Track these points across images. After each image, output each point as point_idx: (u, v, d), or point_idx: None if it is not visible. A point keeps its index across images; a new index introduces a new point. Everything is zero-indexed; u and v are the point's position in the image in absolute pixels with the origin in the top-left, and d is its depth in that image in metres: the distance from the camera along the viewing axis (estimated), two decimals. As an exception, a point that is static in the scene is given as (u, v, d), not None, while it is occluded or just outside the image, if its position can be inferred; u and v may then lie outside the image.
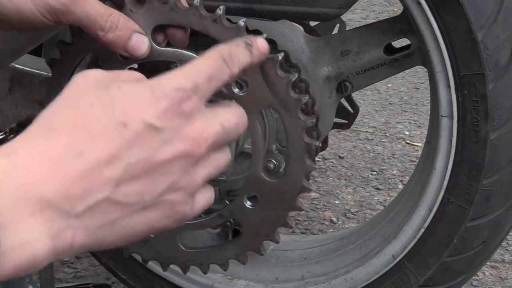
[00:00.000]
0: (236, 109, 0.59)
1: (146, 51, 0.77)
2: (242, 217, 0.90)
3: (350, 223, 1.85)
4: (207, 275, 1.25)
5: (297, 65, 1.06)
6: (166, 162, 0.52)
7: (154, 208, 0.53)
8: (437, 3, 0.94)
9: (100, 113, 0.50)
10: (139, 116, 0.51)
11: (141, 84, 0.54)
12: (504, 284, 1.58)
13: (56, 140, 0.49)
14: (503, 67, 0.95)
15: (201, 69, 0.56)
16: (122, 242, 0.53)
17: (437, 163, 1.04)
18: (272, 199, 0.87)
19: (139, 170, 0.51)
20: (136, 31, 0.76)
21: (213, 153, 0.57)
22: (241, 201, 0.89)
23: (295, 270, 1.26)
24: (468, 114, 0.98)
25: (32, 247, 0.46)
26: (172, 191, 0.53)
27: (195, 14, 0.78)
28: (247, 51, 0.60)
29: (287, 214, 0.89)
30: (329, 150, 2.28)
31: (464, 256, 1.06)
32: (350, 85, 1.16)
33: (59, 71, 0.86)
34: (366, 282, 1.14)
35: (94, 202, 0.49)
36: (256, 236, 0.91)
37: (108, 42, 0.74)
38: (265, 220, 0.89)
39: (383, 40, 1.11)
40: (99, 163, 0.49)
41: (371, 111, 2.64)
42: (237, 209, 0.89)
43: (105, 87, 0.52)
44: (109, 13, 0.74)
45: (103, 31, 0.74)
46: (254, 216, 0.89)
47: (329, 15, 1.00)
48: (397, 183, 2.06)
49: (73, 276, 1.60)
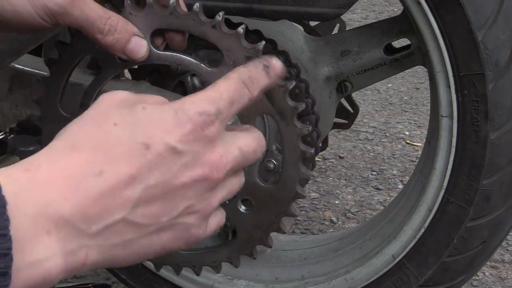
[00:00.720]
0: (255, 134, 0.59)
1: (145, 54, 0.77)
2: (236, 221, 0.90)
3: (350, 223, 1.85)
4: (207, 275, 1.25)
5: (297, 65, 1.06)
6: (185, 185, 0.52)
7: (168, 229, 0.53)
8: (437, 3, 0.94)
9: (123, 132, 0.51)
10: (161, 138, 0.51)
11: (165, 106, 0.54)
12: (504, 284, 1.58)
13: (78, 157, 0.49)
14: (503, 67, 0.95)
15: (223, 93, 0.56)
16: (133, 261, 0.53)
17: (437, 163, 1.04)
18: (266, 204, 0.88)
19: (158, 193, 0.51)
20: (135, 34, 0.76)
21: (229, 178, 0.57)
22: (235, 205, 0.89)
23: (295, 270, 1.26)
24: (468, 114, 0.98)
25: (45, 266, 0.46)
26: (188, 214, 0.54)
27: (194, 19, 0.78)
28: (265, 73, 0.60)
29: (280, 219, 0.89)
30: (329, 150, 2.28)
31: (464, 256, 1.06)
32: (350, 85, 1.16)
33: (56, 72, 0.86)
34: (366, 282, 1.14)
35: (111, 223, 0.49)
36: (249, 240, 0.91)
37: (107, 45, 0.74)
38: (258, 225, 0.89)
39: (383, 40, 1.11)
40: (119, 183, 0.49)
41: (371, 111, 2.64)
42: (231, 213, 0.89)
43: (130, 107, 0.52)
44: (108, 16, 0.73)
45: (101, 34, 0.73)
46: (248, 220, 0.89)
47: (329, 15, 1.00)
48: (397, 183, 2.06)
49: (73, 276, 1.60)
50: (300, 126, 0.82)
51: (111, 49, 0.75)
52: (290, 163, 0.85)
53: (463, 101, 0.98)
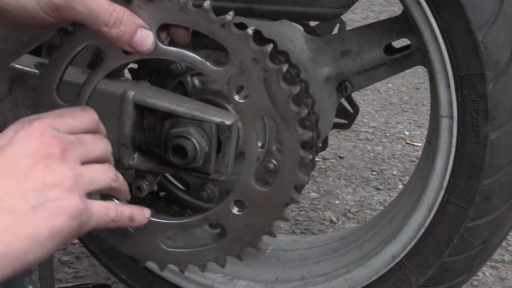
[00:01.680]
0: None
1: (151, 47, 0.76)
2: (227, 221, 0.89)
3: (350, 223, 1.85)
4: (207, 275, 1.25)
5: (297, 65, 1.06)
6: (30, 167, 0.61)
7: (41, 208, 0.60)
8: (437, 3, 0.94)
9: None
10: None
11: None
12: (504, 284, 1.58)
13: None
14: (503, 67, 0.94)
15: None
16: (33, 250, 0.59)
17: (437, 163, 1.04)
18: (259, 207, 0.87)
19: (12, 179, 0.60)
20: (141, 26, 0.75)
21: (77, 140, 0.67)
22: (227, 205, 0.88)
23: (295, 270, 1.26)
24: (468, 114, 0.98)
25: None
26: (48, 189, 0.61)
27: (204, 17, 0.77)
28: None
29: (272, 223, 0.88)
30: (329, 150, 2.28)
31: (464, 256, 1.06)
32: (350, 85, 1.16)
33: (56, 59, 0.85)
34: (366, 282, 1.14)
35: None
36: (239, 242, 0.90)
37: (113, 38, 0.73)
38: (249, 227, 0.89)
39: (383, 40, 1.11)
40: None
41: (371, 111, 2.64)
42: (223, 213, 0.89)
43: None
44: (113, 9, 0.72)
45: (107, 26, 0.72)
46: (239, 222, 0.89)
47: (329, 15, 1.00)
48: (397, 183, 2.06)
49: (73, 276, 1.60)
50: (301, 132, 0.82)
51: (117, 42, 0.74)
52: (287, 168, 0.84)
53: (463, 101, 0.98)
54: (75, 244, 1.71)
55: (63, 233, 0.61)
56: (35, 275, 1.26)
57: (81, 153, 0.67)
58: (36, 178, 0.61)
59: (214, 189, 1.10)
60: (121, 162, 0.94)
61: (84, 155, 0.67)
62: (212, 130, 0.92)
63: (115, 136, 0.92)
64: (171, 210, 1.15)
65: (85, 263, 1.65)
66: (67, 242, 0.64)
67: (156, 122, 0.94)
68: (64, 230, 0.61)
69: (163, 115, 0.94)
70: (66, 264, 1.65)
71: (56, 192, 0.61)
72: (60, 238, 0.61)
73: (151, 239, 0.93)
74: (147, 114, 0.95)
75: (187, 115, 0.92)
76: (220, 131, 0.93)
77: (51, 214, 0.60)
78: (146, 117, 0.95)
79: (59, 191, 0.62)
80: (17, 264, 0.58)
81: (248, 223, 0.88)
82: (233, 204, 0.88)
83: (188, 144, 0.91)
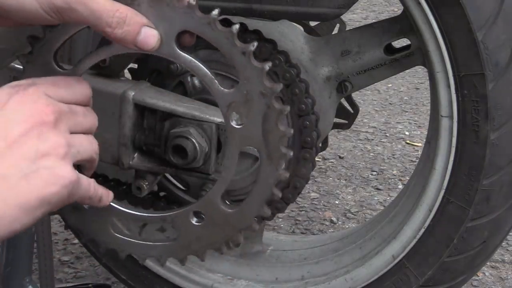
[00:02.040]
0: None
1: (156, 45, 0.75)
2: (181, 228, 0.89)
3: (350, 223, 1.85)
4: (207, 275, 1.25)
5: (297, 65, 1.06)
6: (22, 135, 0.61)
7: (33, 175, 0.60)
8: (437, 3, 0.94)
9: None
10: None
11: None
12: (504, 284, 1.58)
13: None
14: (503, 67, 0.95)
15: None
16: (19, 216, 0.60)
17: (437, 163, 1.04)
18: (217, 225, 0.87)
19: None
20: (145, 25, 0.74)
21: (70, 112, 0.67)
22: (187, 213, 0.88)
23: (295, 270, 1.26)
24: (468, 114, 0.98)
25: None
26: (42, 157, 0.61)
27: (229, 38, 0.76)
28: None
29: (223, 242, 0.88)
30: (329, 150, 2.28)
31: (464, 256, 1.06)
32: (350, 85, 1.16)
33: (40, 49, 0.80)
34: (366, 282, 1.14)
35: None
36: (186, 249, 0.90)
37: (117, 38, 0.72)
38: (201, 239, 0.89)
39: (383, 40, 1.11)
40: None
41: (371, 111, 2.64)
42: (180, 219, 0.89)
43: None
44: (116, 8, 0.71)
45: (110, 27, 0.71)
46: (193, 232, 0.89)
47: (329, 15, 1.00)
48: (397, 183, 2.06)
49: (73, 276, 1.60)
50: (282, 172, 0.82)
51: (122, 43, 0.73)
52: (255, 199, 0.85)
53: (463, 101, 0.98)
54: (75, 244, 1.71)
55: (53, 201, 0.62)
56: (35, 275, 1.26)
57: (72, 124, 0.67)
58: (28, 145, 0.61)
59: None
60: (121, 162, 0.94)
61: (74, 126, 0.68)
62: (212, 130, 0.92)
63: (115, 136, 0.92)
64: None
65: (85, 263, 1.65)
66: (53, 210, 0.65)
67: (156, 122, 0.94)
68: (54, 198, 0.62)
69: (163, 115, 0.94)
70: (66, 264, 1.65)
71: (49, 160, 0.62)
72: (49, 207, 0.62)
73: (102, 221, 0.92)
74: (147, 114, 0.95)
75: (187, 115, 0.92)
76: (220, 131, 0.93)
77: (44, 183, 0.61)
78: (146, 117, 0.95)
79: (52, 159, 0.62)
80: (5, 231, 0.59)
81: (201, 235, 0.88)
82: (193, 215, 0.88)
83: (188, 144, 0.91)
